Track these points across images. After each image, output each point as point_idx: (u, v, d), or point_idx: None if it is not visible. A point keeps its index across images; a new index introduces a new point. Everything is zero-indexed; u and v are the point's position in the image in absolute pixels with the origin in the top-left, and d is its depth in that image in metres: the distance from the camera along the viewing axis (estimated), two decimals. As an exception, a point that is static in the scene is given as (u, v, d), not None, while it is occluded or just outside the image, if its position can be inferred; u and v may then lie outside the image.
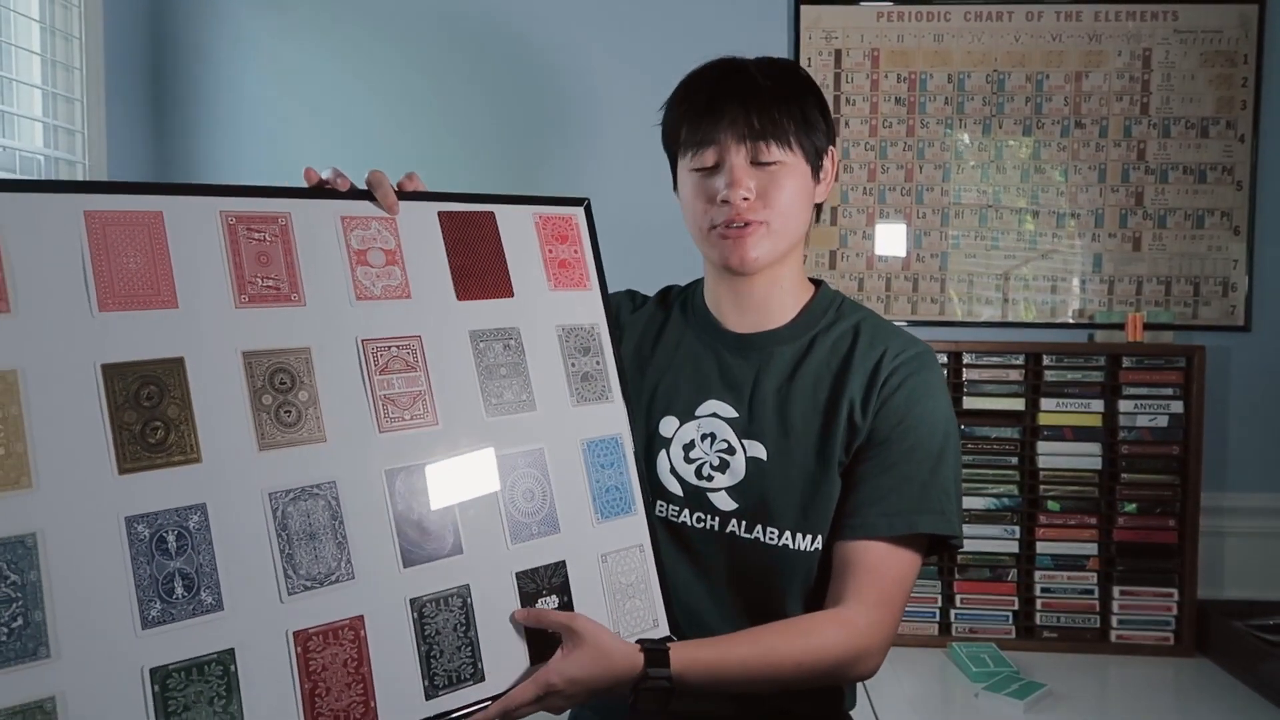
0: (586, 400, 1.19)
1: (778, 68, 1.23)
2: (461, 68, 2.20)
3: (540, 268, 1.19)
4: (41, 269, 0.88)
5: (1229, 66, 2.11)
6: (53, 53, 1.91)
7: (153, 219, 0.95)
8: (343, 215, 1.07)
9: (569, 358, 1.18)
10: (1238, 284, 2.13)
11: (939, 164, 2.17)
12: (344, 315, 1.04)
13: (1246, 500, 2.12)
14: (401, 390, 1.06)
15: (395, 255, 1.09)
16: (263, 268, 1.00)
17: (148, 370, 0.91)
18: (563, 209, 1.24)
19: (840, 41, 2.17)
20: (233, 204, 1.00)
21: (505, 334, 1.14)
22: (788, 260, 1.25)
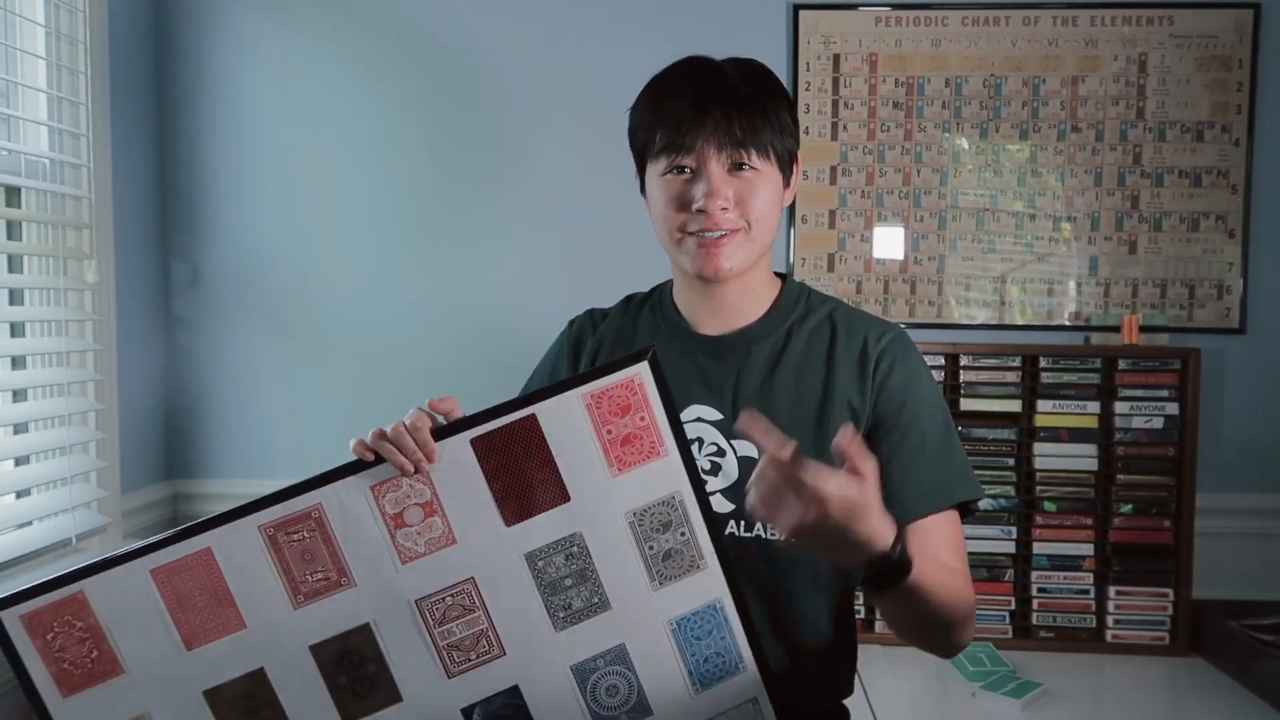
0: (671, 579, 1.10)
1: (753, 71, 1.22)
2: (463, 71, 2.20)
3: (599, 456, 1.09)
4: (136, 630, 1.05)
5: (1224, 71, 2.12)
6: (58, 57, 1.91)
7: (205, 557, 1.05)
8: (371, 485, 1.07)
9: (645, 542, 1.10)
10: (1233, 287, 2.14)
11: (936, 167, 2.18)
12: (393, 583, 1.07)
13: (1241, 501, 2.13)
14: (463, 634, 1.08)
15: (433, 505, 1.07)
16: (309, 565, 1.06)
17: (238, 686, 1.06)
18: (619, 375, 1.09)
19: (838, 46, 2.18)
20: (268, 515, 1.06)
21: (565, 544, 1.09)
22: (759, 264, 1.25)
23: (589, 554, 1.09)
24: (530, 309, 2.19)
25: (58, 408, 1.88)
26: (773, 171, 1.20)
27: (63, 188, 1.91)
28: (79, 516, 1.90)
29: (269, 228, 2.23)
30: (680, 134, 1.16)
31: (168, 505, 2.23)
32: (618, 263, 2.09)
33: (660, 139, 1.19)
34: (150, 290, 2.20)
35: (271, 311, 2.24)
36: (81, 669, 1.05)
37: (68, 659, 1.05)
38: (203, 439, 2.25)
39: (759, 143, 1.17)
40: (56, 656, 1.05)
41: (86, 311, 1.97)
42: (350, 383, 2.24)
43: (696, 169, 1.17)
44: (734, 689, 1.12)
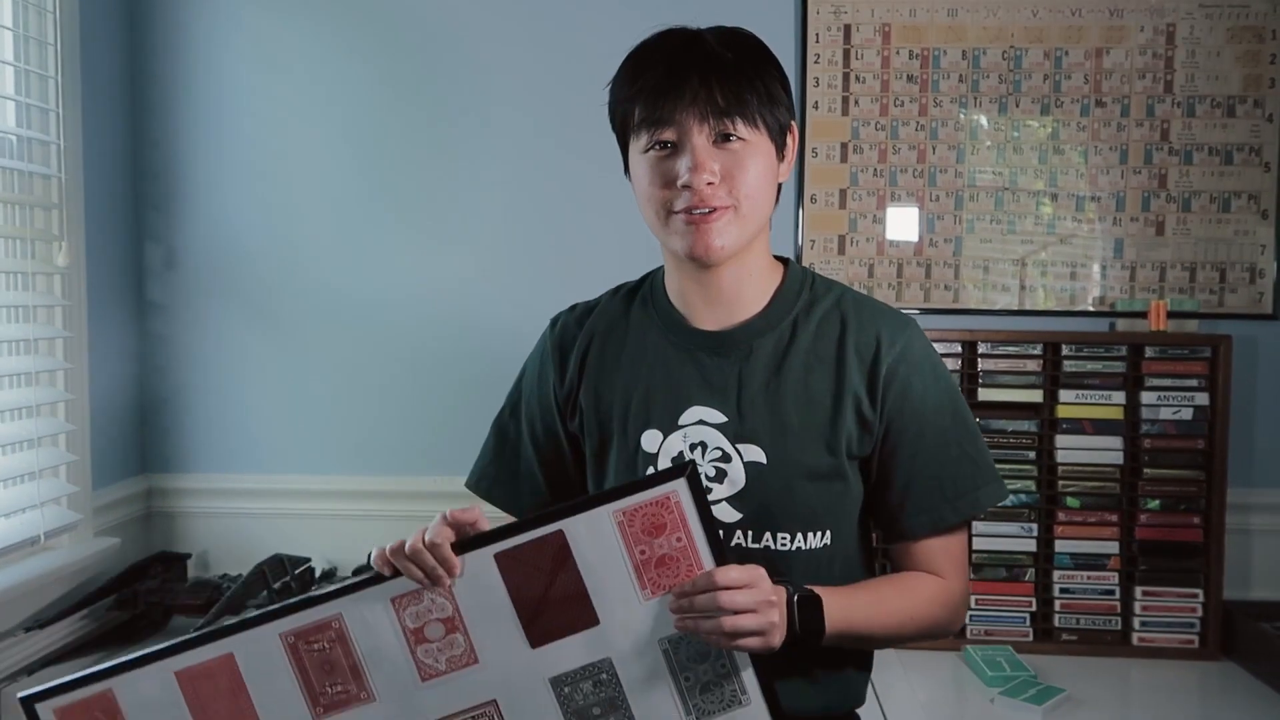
0: (709, 715, 1.06)
1: (737, 38, 1.16)
2: (451, 47, 2.13)
3: (630, 578, 1.04)
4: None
5: (1256, 42, 2.04)
6: (25, 28, 1.86)
7: (227, 662, 1.05)
8: (392, 597, 1.05)
9: (681, 671, 1.05)
10: (1265, 270, 2.06)
11: (953, 145, 2.10)
12: (413, 700, 1.05)
13: (1275, 496, 2.07)
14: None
15: (454, 621, 1.05)
16: (329, 676, 1.05)
17: None
18: (654, 491, 1.04)
19: (849, 17, 2.09)
20: (289, 623, 1.05)
21: (594, 670, 1.05)
22: (754, 246, 1.18)
23: (619, 682, 1.05)
24: (519, 297, 2.14)
25: (25, 398, 1.84)
26: (763, 143, 1.13)
27: (31, 166, 1.86)
28: (48, 513, 1.85)
29: (247, 208, 2.18)
30: (658, 106, 1.10)
31: (141, 501, 2.17)
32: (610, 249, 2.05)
33: (639, 113, 1.13)
34: (123, 274, 2.14)
35: (251, 297, 2.18)
36: None
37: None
38: (178, 431, 2.19)
39: (745, 112, 1.11)
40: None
41: (56, 296, 1.92)
42: (333, 372, 2.19)
43: (679, 142, 1.11)
44: None
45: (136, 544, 2.12)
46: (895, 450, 1.18)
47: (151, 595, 1.93)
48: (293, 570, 1.94)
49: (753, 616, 0.99)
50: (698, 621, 1.00)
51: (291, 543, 2.05)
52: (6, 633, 1.74)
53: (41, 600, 1.81)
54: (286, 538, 2.08)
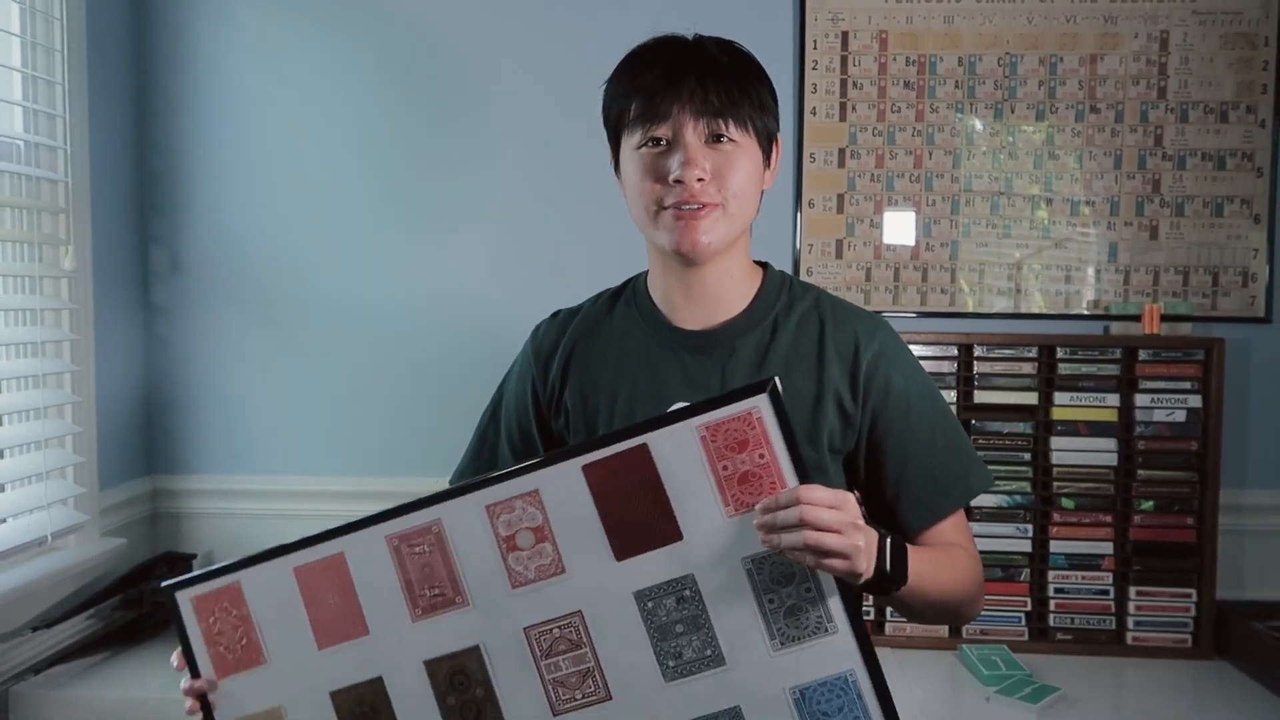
0: (795, 640, 1.02)
1: (733, 47, 1.19)
2: (456, 52, 2.14)
3: (713, 494, 1.03)
4: (279, 624, 1.12)
5: (1249, 49, 2.06)
6: (32, 34, 1.86)
7: (338, 561, 1.10)
8: (487, 504, 1.07)
9: (766, 593, 1.02)
10: (1258, 274, 2.07)
11: (949, 150, 2.11)
12: (504, 608, 1.07)
13: (1267, 498, 2.07)
14: (569, 670, 1.06)
15: (543, 530, 1.06)
16: (428, 579, 1.08)
17: (360, 692, 1.10)
18: (736, 406, 1.02)
19: (847, 23, 2.11)
20: (394, 526, 1.09)
21: (677, 585, 1.04)
22: (736, 248, 1.21)
23: (701, 600, 1.03)
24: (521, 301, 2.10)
25: (32, 400, 1.85)
26: (752, 147, 1.17)
27: (38, 171, 1.86)
28: (55, 514, 1.85)
29: (252, 212, 2.18)
30: (655, 103, 1.13)
31: (147, 502, 2.18)
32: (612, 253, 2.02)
33: (634, 109, 1.16)
34: (129, 277, 2.15)
35: (255, 300, 2.19)
36: (233, 654, 1.13)
37: (223, 643, 1.13)
38: (183, 433, 2.20)
39: (737, 114, 1.14)
40: (215, 639, 1.13)
41: (63, 299, 1.92)
42: (336, 375, 2.19)
43: (672, 139, 1.14)
44: None
45: (142, 544, 2.13)
46: (883, 443, 1.20)
47: (157, 595, 1.94)
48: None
49: (837, 536, 0.96)
50: (780, 535, 0.97)
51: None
52: (14, 632, 1.75)
53: (48, 600, 1.82)
54: (289, 538, 2.08)
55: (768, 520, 0.99)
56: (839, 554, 0.97)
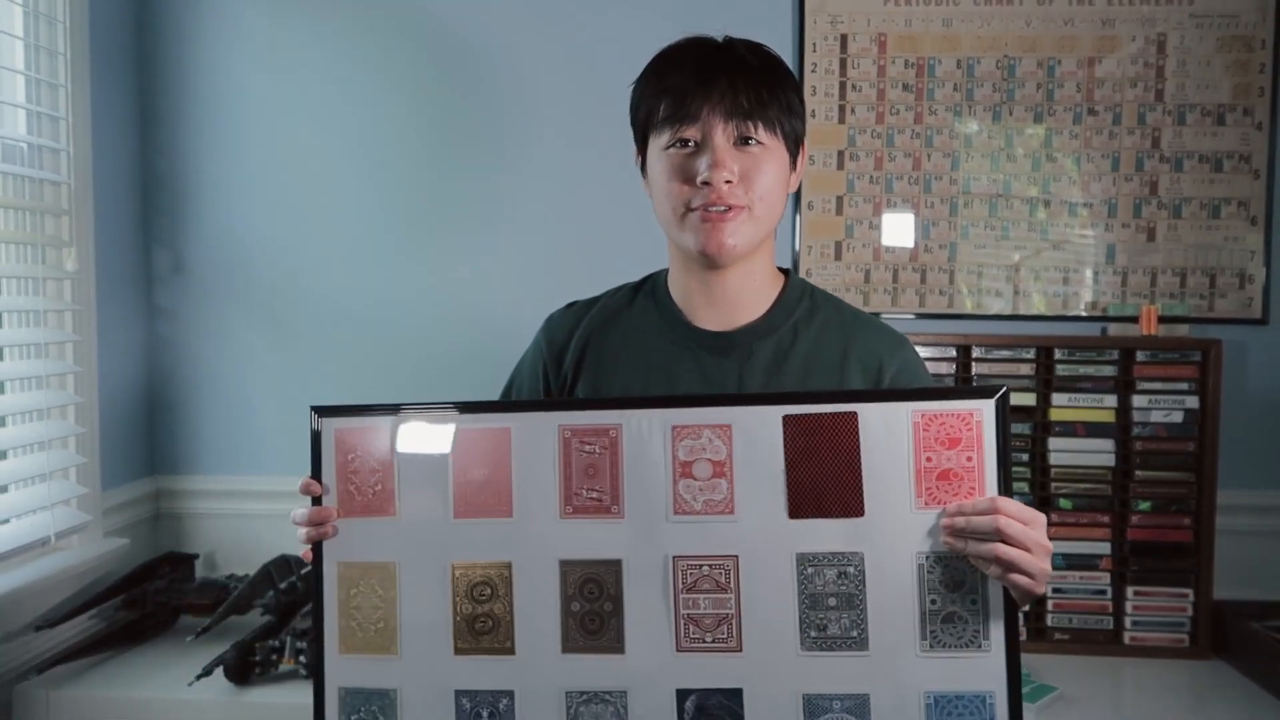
0: (945, 647, 1.01)
1: (762, 49, 1.19)
2: (455, 55, 2.15)
3: (908, 481, 1.01)
4: (419, 481, 1.09)
5: (1246, 52, 2.06)
6: (36, 37, 1.87)
7: (501, 436, 1.08)
8: (674, 424, 1.05)
9: (929, 593, 1.01)
10: (1255, 275, 2.08)
11: (948, 152, 2.12)
12: (659, 530, 1.05)
13: (1264, 498, 2.08)
14: (707, 611, 1.04)
15: (724, 467, 1.04)
16: (589, 480, 1.07)
17: (484, 572, 1.09)
18: (961, 403, 1.01)
19: (846, 26, 2.12)
20: (571, 418, 1.08)
21: (842, 559, 1.02)
22: (760, 251, 1.21)
23: (864, 580, 1.02)
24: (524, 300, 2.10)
25: (35, 401, 1.85)
26: (780, 149, 1.17)
27: (41, 173, 1.87)
28: (58, 514, 1.86)
29: (254, 214, 2.19)
30: (684, 104, 1.13)
31: (150, 502, 2.19)
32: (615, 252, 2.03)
33: (663, 110, 1.15)
34: (131, 279, 2.16)
35: (257, 301, 2.20)
36: (363, 496, 1.10)
37: (356, 483, 1.10)
38: (186, 434, 2.21)
39: (766, 116, 1.14)
40: (349, 476, 1.10)
41: (65, 301, 1.93)
42: (338, 375, 2.19)
43: (701, 141, 1.14)
44: None
45: (145, 544, 2.13)
46: None
47: (160, 595, 1.95)
48: (298, 570, 1.96)
49: (1028, 556, 0.95)
50: (970, 541, 0.97)
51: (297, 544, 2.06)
52: (17, 632, 1.76)
53: (51, 600, 1.83)
54: (292, 538, 2.03)
55: (959, 523, 0.98)
56: (1026, 573, 0.96)
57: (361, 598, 1.10)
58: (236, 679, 1.73)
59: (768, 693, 1.03)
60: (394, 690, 1.09)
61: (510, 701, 1.07)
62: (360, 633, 1.10)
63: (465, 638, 1.08)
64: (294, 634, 1.79)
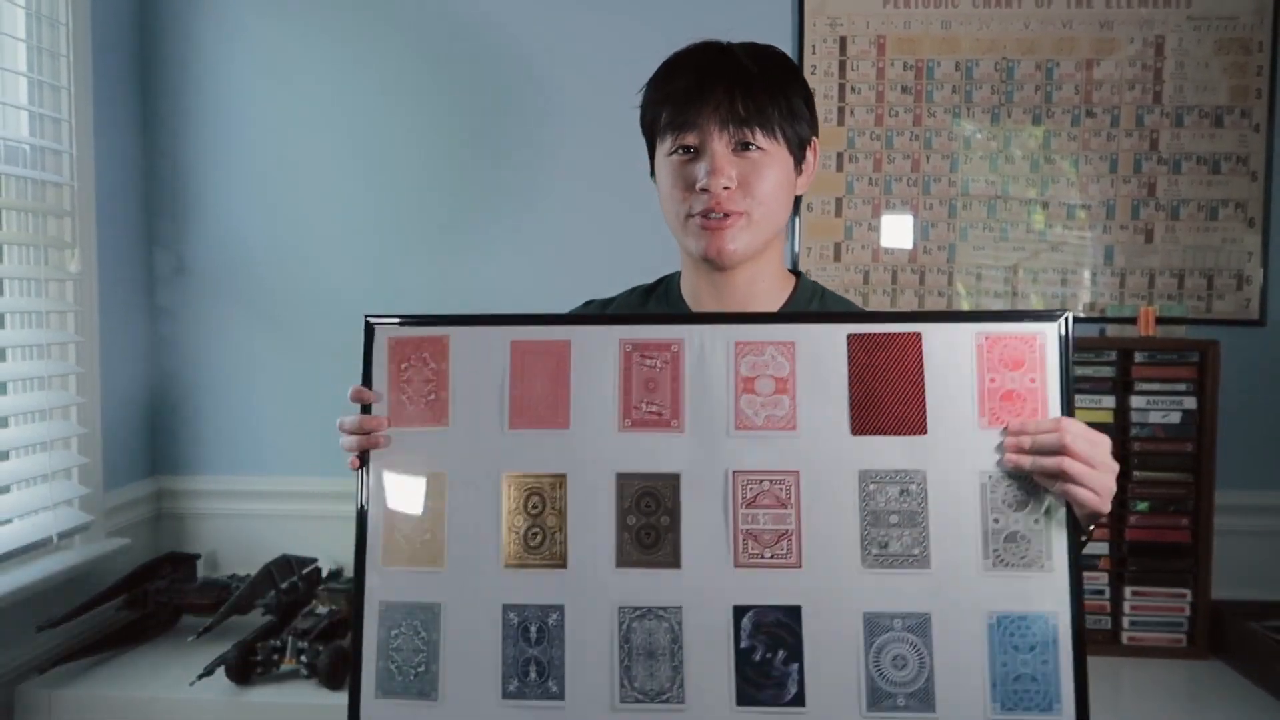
0: (1008, 566, 1.01)
1: (764, 53, 1.20)
2: (453, 57, 2.15)
3: (973, 401, 1.02)
4: (474, 391, 1.08)
5: (1243, 54, 2.07)
6: (38, 40, 1.87)
7: (561, 348, 1.08)
8: (737, 340, 1.06)
9: (992, 512, 1.01)
10: (1252, 277, 2.09)
11: (946, 154, 2.12)
12: (719, 445, 1.05)
13: (1262, 498, 2.08)
14: (766, 526, 1.03)
15: (787, 383, 1.04)
16: (649, 394, 1.06)
17: (537, 483, 1.07)
18: (1024, 326, 1.02)
19: (845, 28, 2.13)
20: (631, 332, 1.08)
21: (906, 477, 1.02)
22: (767, 253, 1.22)
23: (926, 498, 1.02)
24: (523, 301, 2.13)
25: (38, 401, 1.86)
26: (781, 154, 1.17)
27: (43, 174, 1.88)
28: (60, 514, 1.86)
29: (256, 215, 2.19)
30: (684, 111, 1.15)
31: (152, 503, 2.19)
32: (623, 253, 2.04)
33: (665, 116, 1.17)
34: (134, 280, 2.16)
35: (259, 302, 2.20)
36: (415, 406, 1.09)
37: (408, 393, 1.10)
38: (188, 434, 2.21)
39: (765, 123, 1.14)
40: (401, 386, 1.10)
41: (68, 302, 1.93)
42: (339, 376, 2.13)
43: (700, 148, 1.15)
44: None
45: (147, 545, 2.14)
46: None
47: (161, 595, 1.95)
48: (299, 570, 1.97)
49: (1093, 472, 0.96)
50: (1033, 457, 0.98)
51: (298, 543, 2.07)
52: (19, 631, 1.76)
53: (53, 600, 1.83)
54: (293, 538, 2.09)
55: (1024, 441, 0.99)
56: (1091, 489, 0.97)
57: (409, 507, 1.08)
58: (238, 679, 1.74)
59: (827, 610, 1.02)
60: (438, 604, 1.07)
61: (560, 616, 1.05)
62: (406, 545, 1.08)
63: (516, 550, 1.06)
64: (295, 633, 1.80)
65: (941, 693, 1.00)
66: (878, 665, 1.01)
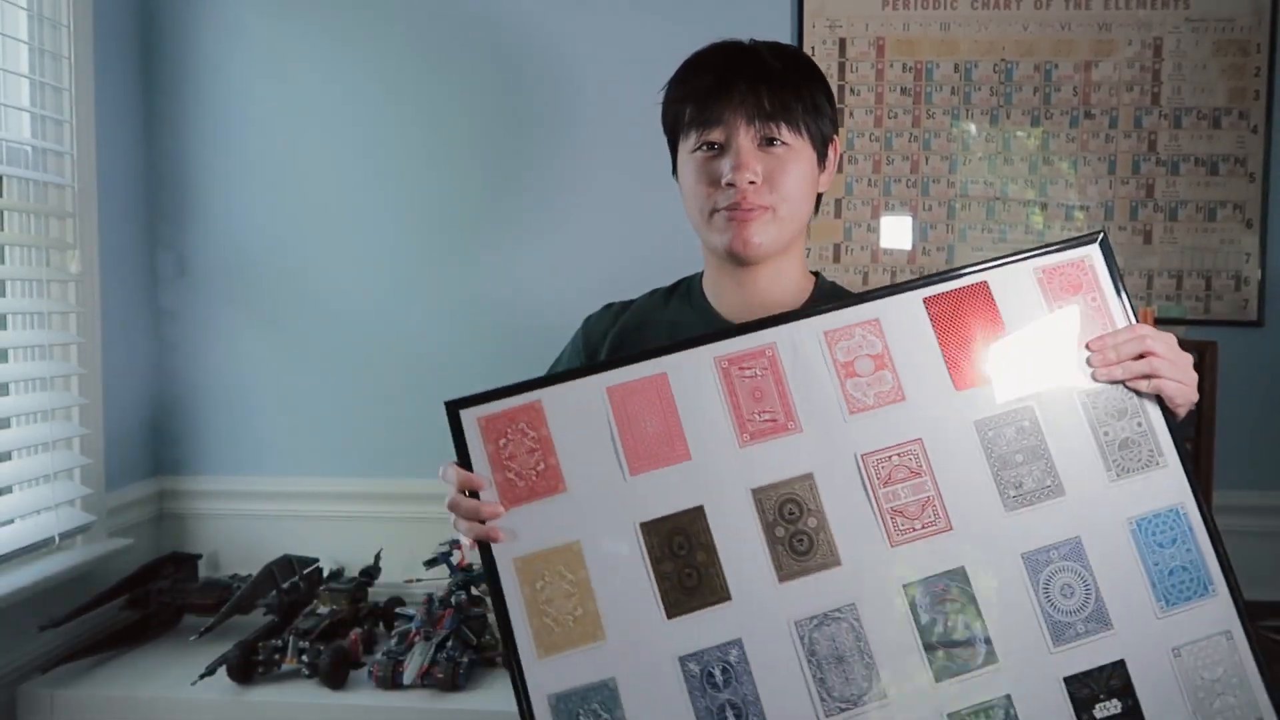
0: (1130, 472, 1.04)
1: (787, 51, 1.21)
2: (456, 57, 2.16)
3: (1049, 332, 1.07)
4: (583, 449, 1.04)
5: (1241, 56, 2.07)
6: (40, 41, 1.88)
7: (659, 382, 1.06)
8: (825, 330, 1.07)
9: (1100, 426, 1.05)
10: (1250, 278, 2.09)
11: (945, 155, 2.13)
12: (840, 433, 1.05)
13: (1259, 498, 2.09)
14: (909, 499, 1.04)
15: (883, 358, 1.06)
16: (758, 403, 1.05)
17: (676, 522, 1.03)
18: (1071, 253, 1.08)
19: (844, 30, 2.13)
20: (724, 348, 1.07)
21: (1016, 416, 1.05)
22: (790, 250, 1.22)
23: (1041, 430, 1.05)
24: (525, 302, 2.15)
25: (40, 402, 1.87)
26: (806, 150, 1.18)
27: (45, 176, 1.88)
28: (62, 514, 1.87)
29: (258, 217, 2.20)
30: (708, 107, 1.15)
31: (154, 503, 2.20)
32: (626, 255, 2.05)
33: (689, 114, 1.18)
34: (136, 282, 2.16)
35: (261, 304, 2.20)
36: (526, 480, 1.04)
37: (514, 468, 1.04)
38: (190, 435, 2.21)
39: (790, 117, 1.15)
40: (505, 464, 1.04)
41: (70, 303, 1.94)
42: (341, 377, 2.20)
43: (725, 143, 1.16)
44: (1205, 616, 1.04)
45: (149, 545, 2.14)
46: None
47: (163, 595, 1.95)
48: (301, 570, 1.97)
49: (1174, 366, 1.02)
50: (1121, 365, 1.03)
51: (300, 543, 2.07)
52: (22, 631, 1.77)
53: (56, 600, 1.84)
54: (295, 539, 2.10)
55: (1109, 354, 1.03)
56: (1177, 380, 1.03)
57: (550, 589, 1.02)
58: (239, 678, 1.75)
59: (989, 561, 1.03)
60: (612, 679, 1.01)
61: (740, 650, 1.01)
62: (558, 628, 1.02)
63: (675, 598, 1.02)
64: (297, 633, 1.80)
65: (1112, 608, 1.02)
66: (1049, 600, 1.02)
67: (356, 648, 1.83)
